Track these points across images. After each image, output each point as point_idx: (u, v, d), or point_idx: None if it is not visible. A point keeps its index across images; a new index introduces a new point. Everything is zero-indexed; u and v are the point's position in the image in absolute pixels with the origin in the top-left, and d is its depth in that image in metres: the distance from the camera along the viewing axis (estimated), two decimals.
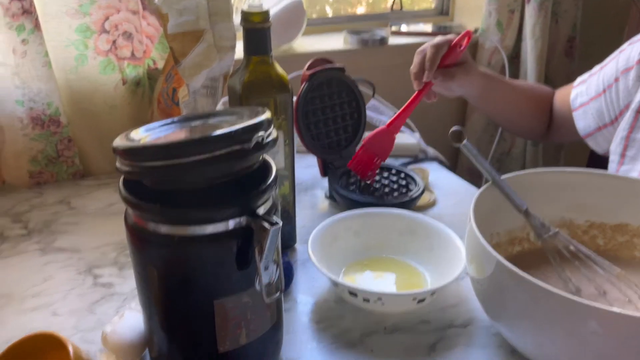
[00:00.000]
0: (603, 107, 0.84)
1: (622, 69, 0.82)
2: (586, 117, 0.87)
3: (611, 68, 0.84)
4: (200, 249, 0.44)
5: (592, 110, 0.86)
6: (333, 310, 0.62)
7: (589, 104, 0.87)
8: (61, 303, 0.64)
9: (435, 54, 0.81)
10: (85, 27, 0.85)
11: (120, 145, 0.43)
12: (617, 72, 0.82)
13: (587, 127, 0.87)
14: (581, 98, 0.88)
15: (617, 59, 0.84)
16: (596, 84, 0.86)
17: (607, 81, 0.84)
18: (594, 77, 0.87)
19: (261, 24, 0.60)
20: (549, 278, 0.60)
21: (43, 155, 0.89)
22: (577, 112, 0.88)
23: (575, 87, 0.90)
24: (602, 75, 0.85)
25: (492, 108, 0.96)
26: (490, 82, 0.90)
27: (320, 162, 0.86)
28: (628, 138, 0.79)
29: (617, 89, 0.82)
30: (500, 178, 0.59)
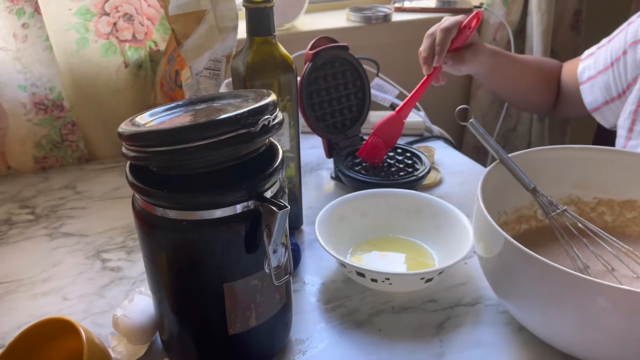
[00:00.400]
0: (610, 80, 0.83)
1: (630, 41, 0.80)
2: (593, 91, 0.86)
3: (619, 41, 0.83)
4: (209, 233, 0.44)
5: (600, 84, 0.85)
6: (341, 291, 0.63)
7: (596, 78, 0.85)
8: (71, 288, 0.64)
9: (445, 38, 0.79)
10: (86, 10, 0.84)
11: (126, 130, 0.43)
12: (626, 45, 0.81)
13: (594, 102, 0.86)
14: (589, 71, 0.87)
15: (625, 32, 0.82)
16: (604, 57, 0.85)
17: (615, 54, 0.82)
18: (602, 50, 0.86)
19: (264, 3, 0.59)
20: (557, 256, 0.60)
21: (47, 140, 0.89)
22: (585, 85, 0.87)
23: (583, 60, 0.89)
24: (610, 48, 0.84)
25: (499, 85, 0.95)
26: (498, 59, 0.88)
27: (325, 142, 0.86)
28: (636, 112, 0.78)
29: (625, 62, 0.81)
30: (507, 156, 0.59)
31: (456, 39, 0.80)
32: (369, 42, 1.21)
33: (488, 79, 0.93)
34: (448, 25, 0.80)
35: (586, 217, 0.65)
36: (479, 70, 0.87)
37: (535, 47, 1.28)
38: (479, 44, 0.84)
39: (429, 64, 0.81)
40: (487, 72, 0.89)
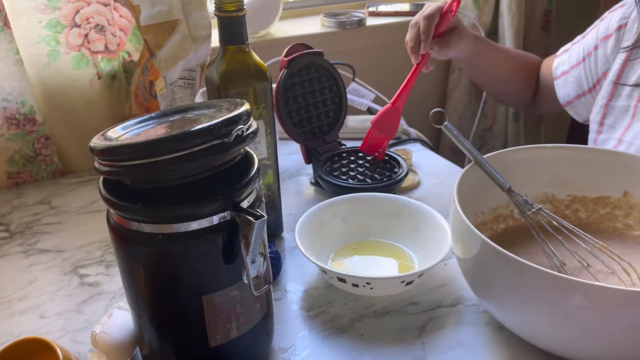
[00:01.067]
0: (582, 75, 0.85)
1: (601, 36, 0.82)
2: (566, 86, 0.88)
3: (592, 36, 0.85)
4: (186, 246, 0.43)
5: (572, 78, 0.87)
6: (323, 297, 0.63)
7: (569, 72, 0.87)
8: (48, 305, 0.63)
9: (428, 25, 0.81)
10: (56, 22, 0.83)
11: (98, 145, 0.42)
12: (597, 40, 0.83)
13: (567, 96, 0.88)
14: (562, 67, 0.89)
15: (597, 27, 0.84)
16: (577, 52, 0.87)
17: (587, 49, 0.84)
18: (576, 45, 0.88)
19: (236, 12, 0.59)
20: (534, 254, 0.61)
21: (20, 155, 0.88)
22: (558, 80, 0.89)
23: (558, 56, 0.91)
24: (583, 43, 0.86)
25: (482, 71, 0.97)
26: (480, 44, 0.90)
27: (304, 148, 0.86)
28: (607, 106, 0.80)
29: (596, 57, 0.83)
30: (482, 157, 0.60)
31: (440, 24, 0.81)
32: (344, 47, 1.21)
33: (470, 64, 0.94)
34: (430, 12, 0.81)
35: (561, 215, 0.66)
36: (463, 54, 0.89)
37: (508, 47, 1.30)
38: (462, 27, 0.86)
39: (416, 53, 0.83)
40: (469, 57, 0.90)
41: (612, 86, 0.79)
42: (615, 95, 0.79)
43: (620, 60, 0.78)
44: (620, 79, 0.78)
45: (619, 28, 0.79)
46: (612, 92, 0.79)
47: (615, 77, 0.78)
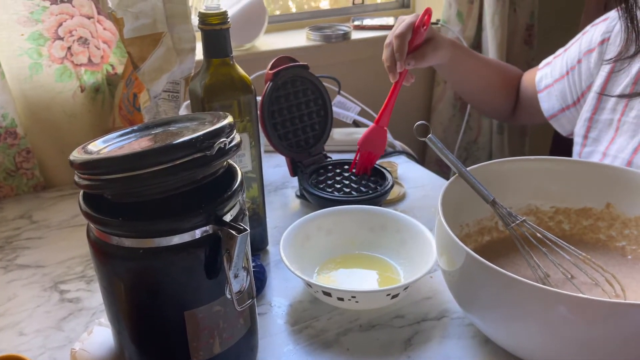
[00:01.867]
0: (566, 88, 0.86)
1: (584, 50, 0.83)
2: (550, 99, 0.89)
3: (574, 50, 0.86)
4: (167, 261, 0.43)
5: (556, 91, 0.88)
6: (308, 311, 0.62)
7: (553, 86, 0.88)
8: (27, 322, 0.62)
9: (401, 43, 0.82)
10: (38, 35, 0.82)
11: (78, 158, 0.41)
12: (580, 54, 0.84)
13: (551, 109, 0.89)
14: (546, 80, 0.90)
15: (580, 41, 0.85)
16: (560, 65, 0.88)
17: (570, 63, 0.86)
18: (558, 59, 0.89)
19: (220, 25, 0.59)
20: (519, 266, 0.61)
21: (1, 168, 0.86)
22: (542, 93, 0.90)
23: (541, 69, 0.92)
24: (566, 57, 0.87)
25: (461, 79, 0.97)
26: (458, 51, 0.91)
27: (289, 161, 0.86)
28: (591, 120, 0.81)
29: (579, 70, 0.84)
30: (465, 170, 0.60)
31: (413, 39, 0.82)
32: (329, 61, 1.22)
33: (449, 71, 0.95)
34: (401, 30, 0.82)
35: (545, 226, 0.66)
36: (441, 62, 0.89)
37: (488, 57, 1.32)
38: (437, 37, 0.87)
39: (393, 72, 0.84)
40: (448, 64, 0.91)
41: (597, 99, 0.80)
42: (599, 108, 0.80)
43: (604, 72, 0.79)
44: (604, 91, 0.79)
45: (602, 42, 0.80)
46: (596, 106, 0.80)
47: (600, 89, 0.79)
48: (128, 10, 0.74)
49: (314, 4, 1.42)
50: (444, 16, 1.32)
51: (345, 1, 1.43)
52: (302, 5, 1.40)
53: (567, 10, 1.43)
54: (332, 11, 1.40)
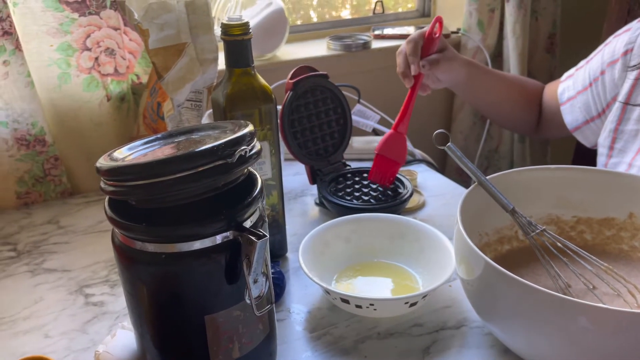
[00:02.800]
0: (590, 100, 0.85)
1: (607, 61, 0.82)
2: (573, 111, 0.88)
3: (597, 61, 0.85)
4: (189, 265, 0.44)
5: (579, 103, 0.87)
6: (326, 318, 0.63)
7: (576, 98, 0.88)
8: (53, 324, 0.63)
9: (413, 47, 0.83)
10: (67, 46, 0.85)
11: (104, 165, 0.43)
12: (603, 65, 0.83)
13: (575, 121, 0.88)
14: (568, 92, 0.89)
15: (602, 52, 0.85)
16: (582, 77, 0.87)
17: (593, 74, 0.85)
18: (581, 71, 0.88)
19: (241, 36, 0.60)
20: (539, 276, 0.61)
21: (30, 175, 0.89)
22: (565, 106, 0.89)
23: (563, 81, 0.91)
24: (588, 68, 0.86)
25: (481, 98, 0.97)
26: (476, 69, 0.91)
27: (309, 169, 0.86)
28: (616, 130, 0.80)
29: (603, 81, 0.83)
30: (485, 178, 0.60)
31: (426, 47, 0.83)
32: (349, 70, 1.23)
33: (467, 90, 0.95)
34: (413, 37, 0.84)
35: (566, 236, 0.66)
36: (457, 79, 0.89)
37: (513, 69, 1.31)
38: (451, 49, 0.88)
39: (408, 76, 0.84)
40: (465, 82, 0.91)
41: (621, 109, 0.79)
42: (624, 119, 0.79)
43: (629, 82, 0.78)
44: (629, 101, 0.78)
45: (625, 53, 0.79)
46: (620, 116, 0.79)
47: (625, 99, 0.79)
48: (153, 21, 0.75)
49: (335, 13, 1.43)
50: (465, 25, 1.32)
51: (366, 11, 1.44)
52: (324, 15, 1.41)
53: (590, 18, 1.41)
54: (352, 21, 1.41)
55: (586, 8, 1.45)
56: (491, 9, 1.29)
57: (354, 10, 1.45)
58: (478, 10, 1.29)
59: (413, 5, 1.48)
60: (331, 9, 1.42)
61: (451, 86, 0.93)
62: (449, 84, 0.90)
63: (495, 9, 1.30)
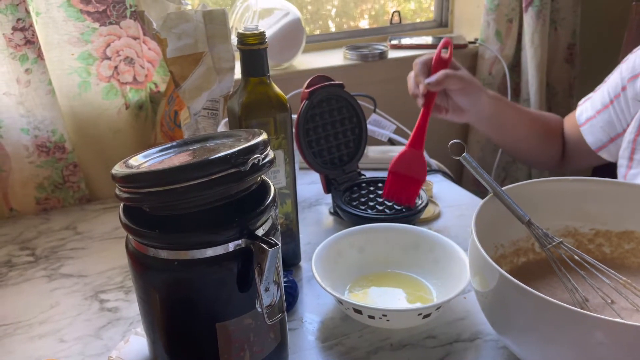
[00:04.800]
0: (613, 117, 0.84)
1: (628, 77, 0.81)
2: (594, 131, 0.87)
3: (615, 79, 0.84)
4: (201, 273, 0.44)
5: (600, 122, 0.85)
6: (339, 328, 0.62)
7: (595, 117, 0.86)
8: (68, 329, 0.64)
9: (421, 67, 0.83)
10: (88, 55, 0.87)
11: (119, 172, 0.43)
12: (623, 81, 0.82)
13: (598, 141, 0.87)
14: (587, 113, 0.88)
15: (620, 69, 0.84)
16: (601, 97, 0.86)
17: (613, 92, 0.84)
18: (598, 92, 0.88)
19: (257, 45, 0.61)
20: (556, 289, 0.60)
21: (49, 181, 0.91)
22: (584, 127, 0.88)
23: (581, 105, 0.91)
24: (607, 87, 0.85)
25: (507, 134, 0.94)
26: (504, 104, 0.90)
27: (323, 178, 0.86)
28: (635, 141, 0.78)
29: (625, 97, 0.82)
30: (500, 189, 0.59)
31: (436, 69, 0.82)
32: (365, 79, 1.23)
33: (492, 125, 0.92)
34: (421, 58, 0.84)
35: (584, 249, 0.64)
36: (482, 113, 0.88)
37: (531, 80, 1.30)
38: (477, 81, 0.86)
39: (419, 96, 0.83)
40: (490, 117, 0.89)
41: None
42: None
43: None
44: None
45: None
46: (639, 128, 0.78)
47: None
48: (171, 31, 0.77)
49: (353, 23, 1.44)
50: (482, 35, 1.32)
51: (384, 21, 1.44)
52: (342, 25, 1.42)
53: (610, 29, 1.40)
54: (369, 31, 1.41)
55: (606, 18, 1.43)
56: (509, 19, 1.29)
57: (372, 21, 1.45)
58: (496, 20, 1.28)
59: (431, 15, 1.48)
60: (349, 19, 1.43)
61: (476, 120, 0.90)
62: (473, 116, 0.88)
63: (513, 19, 1.29)
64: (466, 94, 0.85)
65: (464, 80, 0.84)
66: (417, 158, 0.81)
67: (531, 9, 1.25)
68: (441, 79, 0.81)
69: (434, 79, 0.81)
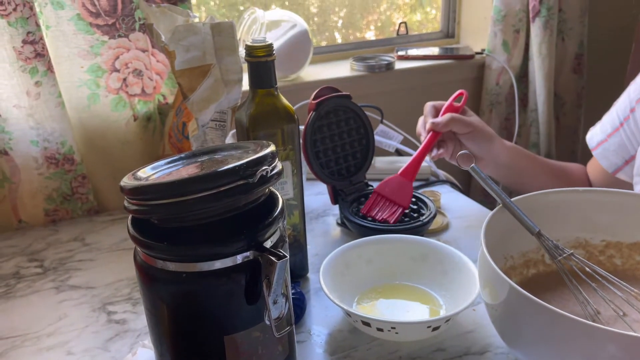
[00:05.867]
0: (624, 139, 0.83)
1: (636, 98, 0.81)
2: (607, 155, 0.86)
3: (624, 101, 0.84)
4: (209, 285, 0.44)
5: (613, 146, 0.85)
6: (347, 341, 0.62)
7: (607, 141, 0.86)
8: (76, 341, 0.64)
9: (431, 109, 0.87)
10: (97, 67, 0.87)
11: (128, 184, 0.44)
12: (632, 103, 0.82)
13: (614, 165, 0.86)
14: (597, 137, 0.88)
15: (628, 91, 0.83)
16: (611, 120, 0.85)
17: (622, 114, 0.83)
18: (607, 116, 0.87)
19: (265, 57, 0.61)
20: (567, 301, 0.59)
21: (58, 193, 0.91)
22: (597, 150, 0.87)
23: (591, 130, 0.90)
24: (615, 110, 0.85)
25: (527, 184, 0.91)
26: (521, 153, 0.90)
27: (330, 189, 0.86)
28: None
29: (634, 119, 0.81)
30: (509, 200, 0.59)
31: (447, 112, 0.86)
32: (373, 90, 1.23)
33: (511, 174, 0.91)
34: (433, 103, 0.88)
35: (595, 260, 0.64)
36: (498, 160, 0.88)
37: (539, 90, 1.30)
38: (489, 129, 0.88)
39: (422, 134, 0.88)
40: (507, 166, 0.89)
41: None
42: None
43: None
44: None
45: None
46: None
47: None
48: (180, 43, 0.77)
49: (360, 35, 1.45)
50: (489, 46, 1.32)
51: (390, 32, 1.45)
52: (348, 37, 1.42)
53: (618, 39, 1.39)
54: (376, 42, 1.41)
55: (614, 27, 1.43)
56: (516, 29, 1.29)
57: (379, 32, 1.46)
58: (503, 31, 1.28)
59: (437, 26, 1.48)
60: (355, 30, 1.43)
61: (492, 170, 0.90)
62: (489, 165, 0.89)
63: (520, 29, 1.29)
64: (473, 140, 0.86)
65: (472, 126, 0.85)
66: (404, 186, 0.84)
67: (538, 19, 1.25)
68: (446, 121, 0.84)
69: (439, 120, 0.85)
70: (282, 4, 1.31)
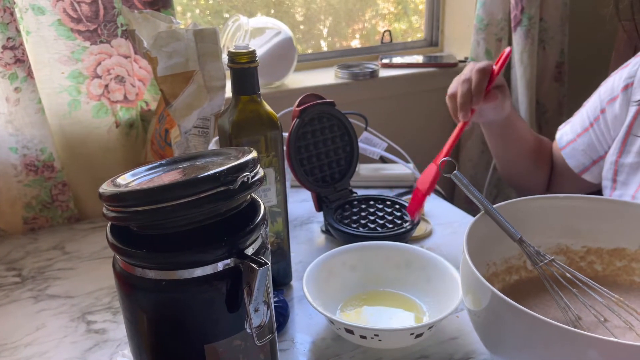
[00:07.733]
0: (594, 140, 0.84)
1: (606, 99, 0.82)
2: (575, 154, 0.87)
3: (594, 102, 0.85)
4: (189, 293, 0.43)
5: (581, 145, 0.86)
6: (330, 349, 0.61)
7: (576, 141, 0.87)
8: (54, 351, 0.63)
9: (482, 79, 0.78)
10: (78, 73, 0.86)
11: (106, 191, 0.43)
12: (602, 104, 0.83)
13: (581, 165, 0.87)
14: (567, 136, 0.89)
15: (598, 92, 0.85)
16: (581, 120, 0.87)
17: (592, 115, 0.84)
18: (577, 115, 0.88)
19: (248, 64, 0.61)
20: (549, 307, 0.59)
21: (37, 200, 0.89)
22: (565, 150, 0.89)
23: (561, 129, 0.92)
24: (586, 110, 0.86)
25: (506, 143, 0.93)
26: (514, 112, 0.90)
27: (315, 196, 0.86)
28: (617, 163, 0.79)
29: (605, 120, 0.82)
30: (491, 207, 0.59)
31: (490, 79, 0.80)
32: (357, 98, 1.23)
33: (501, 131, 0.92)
34: (484, 66, 0.78)
35: (576, 267, 0.64)
36: (499, 116, 0.87)
37: (521, 98, 1.31)
38: (506, 86, 0.85)
39: (466, 110, 0.80)
40: (503, 124, 0.89)
41: (622, 142, 0.78)
42: (624, 152, 0.78)
43: (631, 114, 0.78)
44: (631, 131, 0.77)
45: (625, 87, 0.79)
46: (621, 149, 0.78)
47: (627, 129, 0.78)
48: (162, 49, 0.77)
49: (345, 43, 1.45)
50: (472, 54, 1.33)
51: (375, 40, 1.45)
52: (334, 45, 1.43)
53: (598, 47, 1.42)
54: (360, 50, 1.42)
55: (594, 36, 1.45)
56: (498, 38, 1.30)
57: (364, 40, 1.46)
58: (485, 39, 1.30)
59: (421, 34, 1.50)
60: (341, 38, 1.44)
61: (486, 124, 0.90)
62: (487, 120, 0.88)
63: (502, 38, 1.30)
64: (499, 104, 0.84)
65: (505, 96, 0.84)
66: (429, 171, 0.80)
67: (520, 28, 1.26)
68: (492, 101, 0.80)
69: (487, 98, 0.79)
70: (268, 12, 1.31)
